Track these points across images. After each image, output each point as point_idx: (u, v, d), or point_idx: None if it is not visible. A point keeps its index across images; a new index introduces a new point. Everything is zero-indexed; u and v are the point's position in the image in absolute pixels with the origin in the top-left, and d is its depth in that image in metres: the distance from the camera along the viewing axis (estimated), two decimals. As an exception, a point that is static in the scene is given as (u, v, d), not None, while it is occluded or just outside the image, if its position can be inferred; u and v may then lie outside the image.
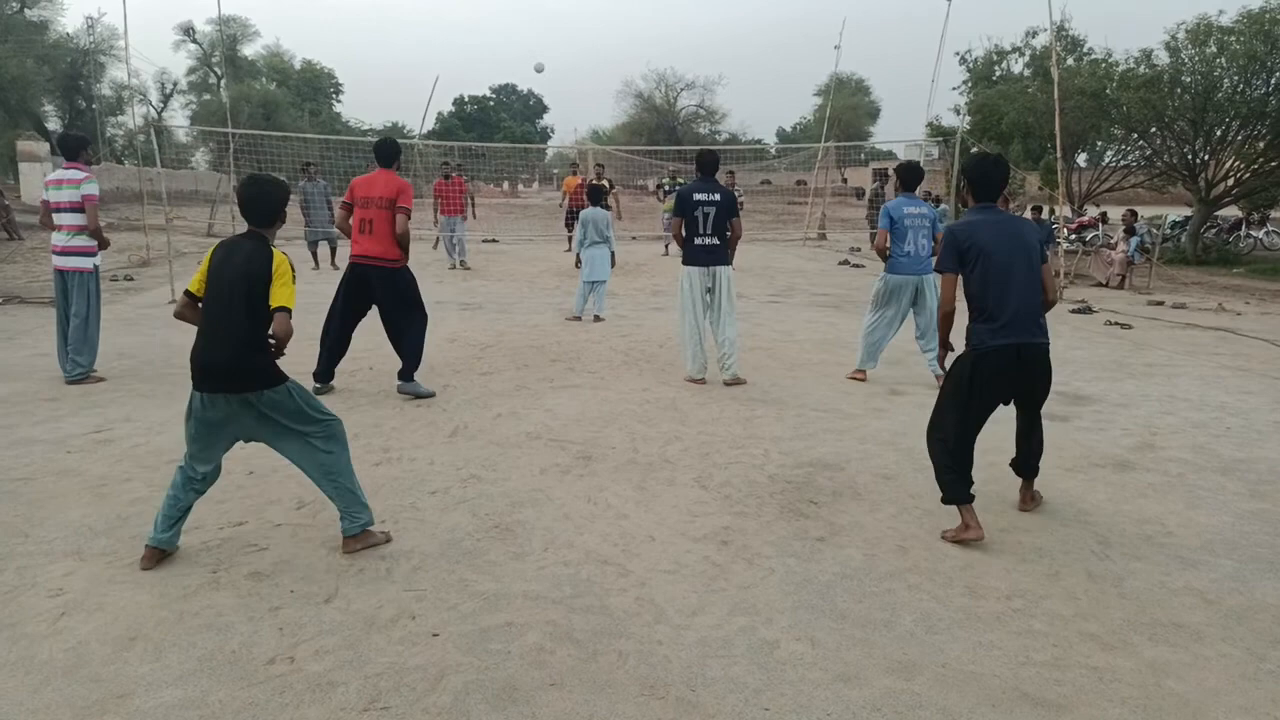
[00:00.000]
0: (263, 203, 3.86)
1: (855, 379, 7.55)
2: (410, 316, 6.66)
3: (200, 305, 3.80)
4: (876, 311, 7.49)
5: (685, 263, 7.36)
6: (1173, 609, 3.52)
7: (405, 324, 6.61)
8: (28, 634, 3.16)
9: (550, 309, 11.46)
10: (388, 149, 6.75)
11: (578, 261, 11.68)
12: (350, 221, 6.54)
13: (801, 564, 3.88)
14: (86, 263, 6.97)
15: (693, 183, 7.47)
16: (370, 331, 9.20)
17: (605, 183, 14.36)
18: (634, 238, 22.39)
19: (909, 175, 7.58)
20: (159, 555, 3.74)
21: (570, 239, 16.47)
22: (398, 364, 8.01)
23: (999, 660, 3.10)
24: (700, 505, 4.56)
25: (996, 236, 4.17)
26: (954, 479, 4.18)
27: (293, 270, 3.75)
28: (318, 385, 6.54)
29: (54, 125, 42.85)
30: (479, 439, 5.64)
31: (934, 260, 6.84)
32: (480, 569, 3.77)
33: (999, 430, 5.89)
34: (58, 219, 6.90)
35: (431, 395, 6.68)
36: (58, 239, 6.96)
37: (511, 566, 3.80)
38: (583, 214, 10.99)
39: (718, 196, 7.16)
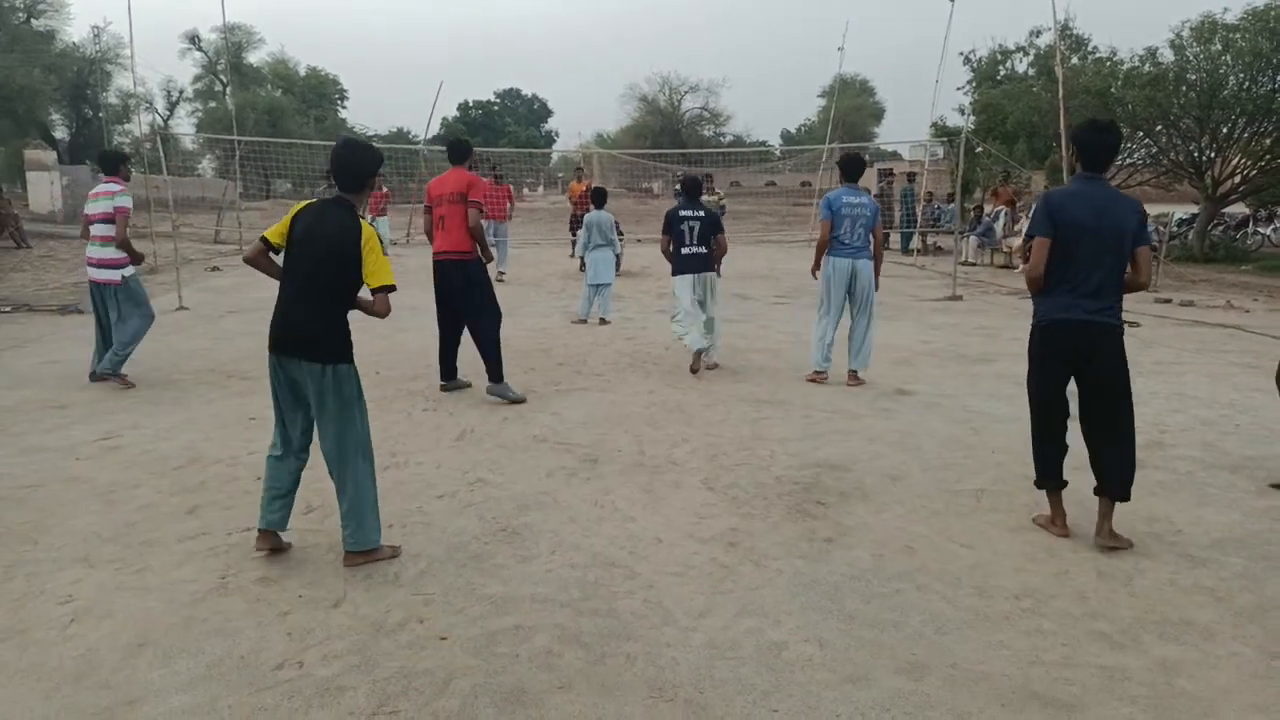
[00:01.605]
0: (355, 166, 3.86)
1: (815, 380, 7.46)
2: (480, 312, 6.70)
3: (278, 262, 3.91)
4: (822, 306, 7.49)
5: (675, 272, 7.95)
6: (1183, 607, 3.51)
7: (475, 320, 6.70)
8: (38, 640, 3.17)
9: (556, 312, 11.47)
10: (458, 148, 6.92)
11: (582, 265, 11.67)
12: (431, 223, 6.80)
13: (809, 565, 3.87)
14: (115, 275, 6.94)
15: (680, 204, 8.31)
16: (378, 335, 9.23)
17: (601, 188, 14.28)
18: (639, 240, 22.37)
19: (850, 167, 7.63)
20: (271, 538, 3.81)
21: (574, 244, 16.19)
22: (405, 369, 8.01)
23: (1009, 660, 3.09)
24: (707, 507, 4.56)
25: (1091, 209, 4.03)
26: (1042, 461, 4.28)
27: (382, 244, 3.81)
28: (442, 384, 6.99)
29: (61, 134, 43.08)
30: (486, 442, 5.64)
31: (870, 249, 7.41)
32: (488, 572, 3.77)
33: (1013, 429, 5.88)
34: (93, 230, 6.98)
35: (522, 400, 6.66)
36: (91, 250, 7.02)
37: (519, 570, 3.80)
38: (587, 217, 11.02)
39: (701, 213, 7.95)
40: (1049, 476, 4.27)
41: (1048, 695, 2.88)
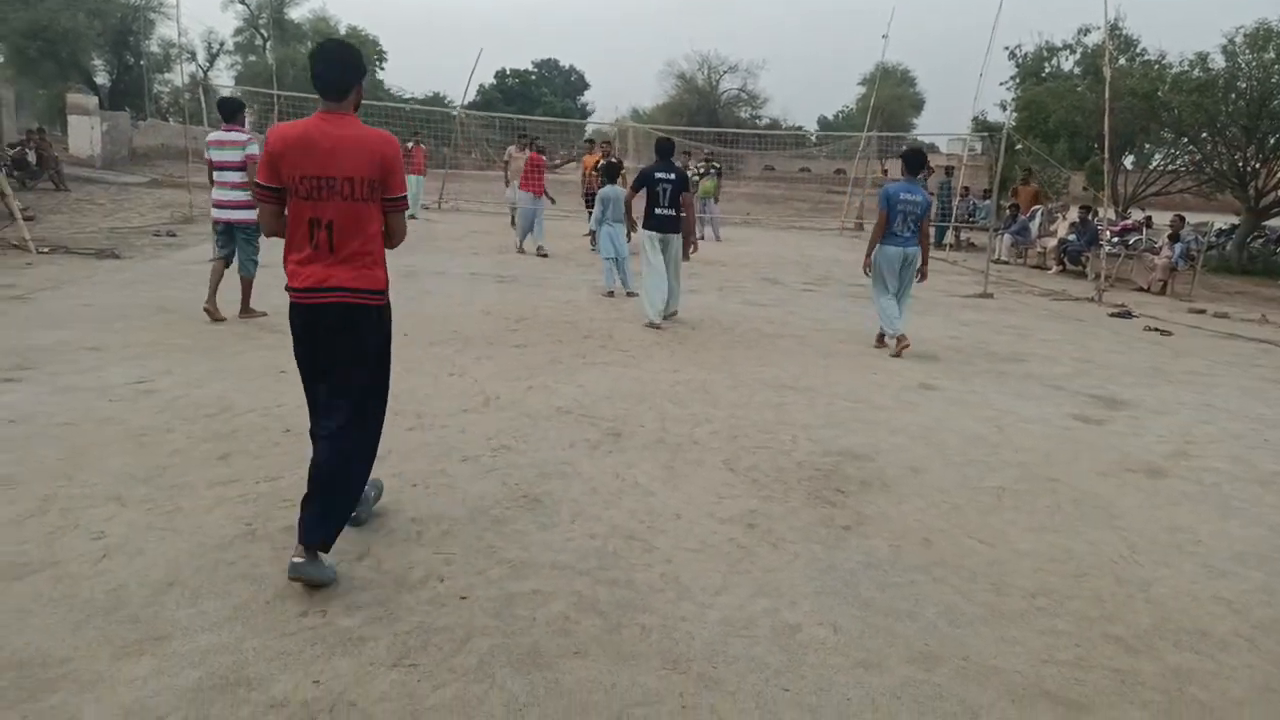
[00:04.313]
0: None
1: (885, 346, 8.37)
2: (369, 395, 3.52)
3: None
4: (877, 285, 8.40)
5: (646, 228, 8.98)
6: (1199, 617, 3.50)
7: (360, 410, 3.46)
8: (70, 574, 3.25)
9: (585, 285, 11.49)
10: (342, 62, 3.37)
11: (593, 240, 11.59)
12: (281, 219, 3.41)
13: (826, 551, 3.89)
14: (247, 215, 7.68)
15: (654, 164, 9.06)
16: (406, 297, 9.29)
17: (614, 159, 14.14)
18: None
19: (913, 161, 8.43)
20: None
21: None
22: (430, 332, 8.06)
23: (1021, 657, 3.11)
24: (727, 487, 4.59)
25: None
26: None
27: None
28: (298, 561, 3.21)
29: (102, 80, 43.36)
30: (510, 410, 5.69)
31: (918, 239, 8.27)
32: (508, 537, 3.82)
33: (1038, 430, 5.84)
34: (223, 176, 7.69)
35: (331, 580, 3.29)
36: (222, 194, 7.72)
37: (539, 536, 3.85)
38: (602, 191, 10.97)
39: (673, 176, 8.89)
40: None
41: (1059, 694, 2.89)
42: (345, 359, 3.41)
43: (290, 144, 3.25)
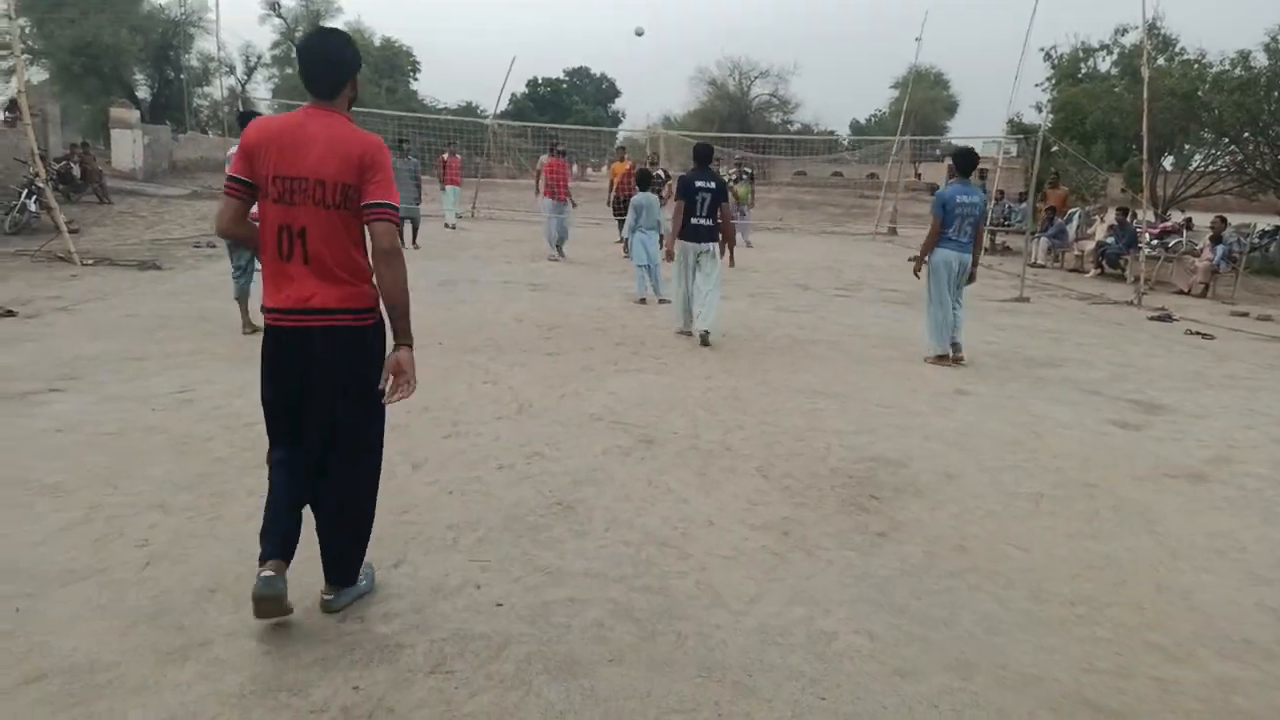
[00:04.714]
0: None
1: (941, 364, 7.92)
2: (358, 436, 3.15)
3: None
4: (936, 294, 7.95)
5: (681, 237, 8.45)
6: (1243, 625, 3.44)
7: (343, 457, 3.13)
8: (116, 580, 3.33)
9: (616, 293, 11.52)
10: (331, 57, 3.01)
11: (626, 247, 11.61)
12: (244, 222, 3.09)
13: (861, 558, 3.88)
14: None
15: (692, 172, 8.55)
16: (440, 306, 9.38)
17: (660, 173, 14.27)
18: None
19: (965, 161, 8.02)
20: None
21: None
22: (465, 340, 8.11)
23: (1060, 665, 3.07)
24: (760, 494, 4.58)
25: None
26: None
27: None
28: (265, 587, 2.92)
29: (143, 94, 44.19)
30: (543, 417, 5.73)
31: (974, 244, 7.95)
32: (543, 544, 3.84)
33: (1075, 435, 5.77)
34: None
35: (368, 592, 3.32)
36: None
37: (573, 543, 3.87)
38: (635, 199, 11.03)
39: (713, 185, 8.39)
40: None
41: (1099, 703, 2.86)
42: (333, 391, 3.02)
43: (271, 136, 2.92)
